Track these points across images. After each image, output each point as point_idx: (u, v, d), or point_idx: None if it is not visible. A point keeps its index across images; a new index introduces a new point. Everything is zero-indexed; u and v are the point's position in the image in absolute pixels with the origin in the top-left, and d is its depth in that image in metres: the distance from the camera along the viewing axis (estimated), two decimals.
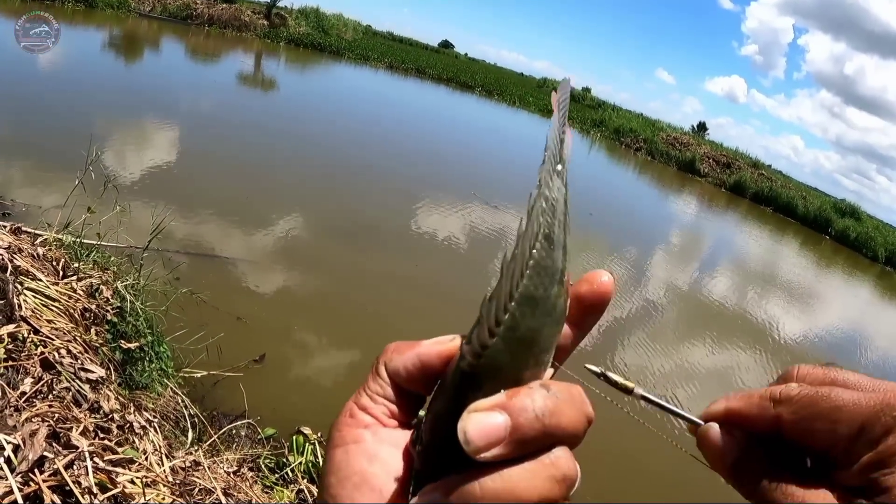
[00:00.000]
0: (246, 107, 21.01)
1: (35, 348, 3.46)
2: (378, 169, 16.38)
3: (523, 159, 26.99)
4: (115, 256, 6.00)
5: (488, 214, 14.23)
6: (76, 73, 18.80)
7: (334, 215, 11.67)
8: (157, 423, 3.83)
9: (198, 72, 26.75)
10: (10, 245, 4.57)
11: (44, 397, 3.10)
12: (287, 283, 8.21)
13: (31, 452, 2.43)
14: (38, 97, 14.11)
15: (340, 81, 36.06)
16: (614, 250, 15.50)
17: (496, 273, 0.51)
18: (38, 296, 4.11)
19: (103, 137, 11.34)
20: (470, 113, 40.09)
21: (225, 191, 11.05)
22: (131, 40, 30.17)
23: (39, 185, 8.86)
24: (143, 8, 40.42)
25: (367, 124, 23.18)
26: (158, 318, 5.13)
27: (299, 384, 6.15)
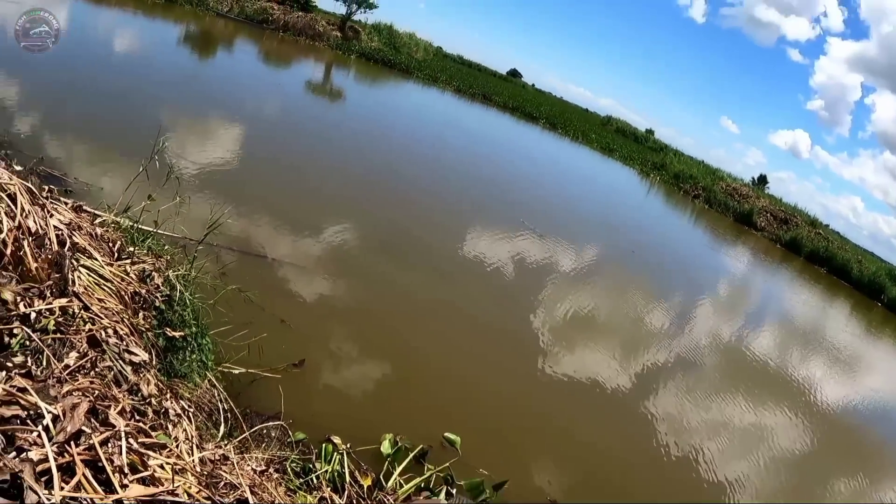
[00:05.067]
0: (311, 115, 21.33)
1: (83, 324, 3.53)
2: (433, 189, 16.48)
3: (578, 193, 26.94)
4: (169, 245, 6.10)
5: (535, 244, 14.18)
6: (150, 63, 19.31)
7: (384, 230, 11.75)
8: (192, 413, 3.86)
9: (267, 75, 27.27)
10: (71, 222, 4.68)
11: (86, 373, 3.15)
12: (331, 292, 8.26)
13: (69, 425, 2.47)
14: (111, 82, 14.51)
15: (407, 99, 36.39)
16: (661, 294, 15.31)
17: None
18: (91, 274, 4.19)
19: (169, 128, 11.61)
20: (531, 143, 40.09)
21: (280, 194, 11.21)
22: (207, 38, 30.88)
23: (102, 167, 9.08)
24: (222, 8, 41.42)
25: (427, 145, 23.37)
26: (205, 310, 5.20)
27: (333, 393, 6.16)
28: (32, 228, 3.97)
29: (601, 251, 16.89)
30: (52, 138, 9.85)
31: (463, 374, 7.70)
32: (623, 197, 34.06)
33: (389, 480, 4.98)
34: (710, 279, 21.46)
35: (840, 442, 11.36)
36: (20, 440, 2.38)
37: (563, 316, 10.78)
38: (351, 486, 4.73)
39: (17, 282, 3.34)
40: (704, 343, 13.00)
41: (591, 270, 14.36)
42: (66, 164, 8.72)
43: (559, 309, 11.00)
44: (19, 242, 3.71)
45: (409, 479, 5.11)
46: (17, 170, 5.61)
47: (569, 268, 13.70)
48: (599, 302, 12.37)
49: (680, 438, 8.32)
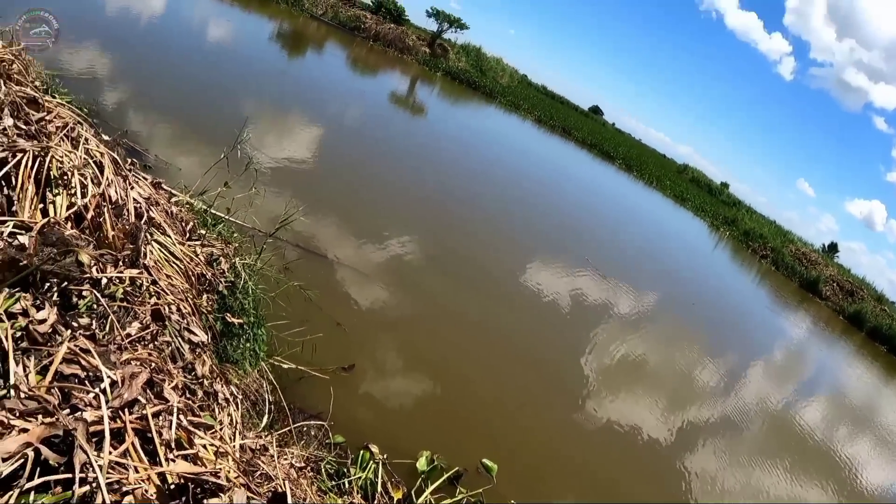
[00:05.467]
0: (390, 125, 21.58)
1: (149, 297, 3.61)
2: (501, 214, 16.47)
3: (645, 238, 26.62)
4: (239, 234, 6.21)
5: (595, 283, 14.04)
6: (241, 55, 19.81)
7: (447, 248, 11.78)
8: (239, 400, 3.90)
9: (353, 81, 27.67)
10: (150, 196, 4.81)
11: (146, 345, 3.21)
12: (387, 303, 8.29)
13: (127, 392, 2.52)
14: (200, 68, 14.92)
15: (487, 123, 36.50)
16: (714, 350, 14.99)
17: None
18: (163, 250, 4.29)
19: (251, 120, 11.88)
20: (604, 182, 39.82)
21: (350, 199, 11.34)
22: (298, 37, 31.55)
23: (182, 148, 9.33)
24: (316, 10, 42.36)
25: (502, 170, 23.40)
26: (265, 302, 5.28)
27: (377, 402, 6.17)
28: (113, 198, 4.09)
29: (661, 298, 16.63)
30: (137, 114, 10.18)
31: (507, 402, 7.64)
32: (690, 248, 33.53)
33: (420, 497, 4.96)
34: (765, 342, 20.93)
35: None
36: (76, 399, 2.43)
37: (613, 359, 10.63)
38: (381, 496, 4.71)
39: (95, 247, 3.43)
40: (750, 406, 12.66)
41: (648, 316, 14.15)
42: (148, 141, 8.99)
43: (609, 351, 10.85)
44: (100, 209, 3.82)
45: (440, 500, 5.07)
46: (105, 139, 5.80)
47: (625, 311, 13.52)
48: (650, 350, 12.16)
49: (712, 499, 8.12)
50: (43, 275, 3.01)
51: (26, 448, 2.11)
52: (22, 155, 3.72)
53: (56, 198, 3.78)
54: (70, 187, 3.90)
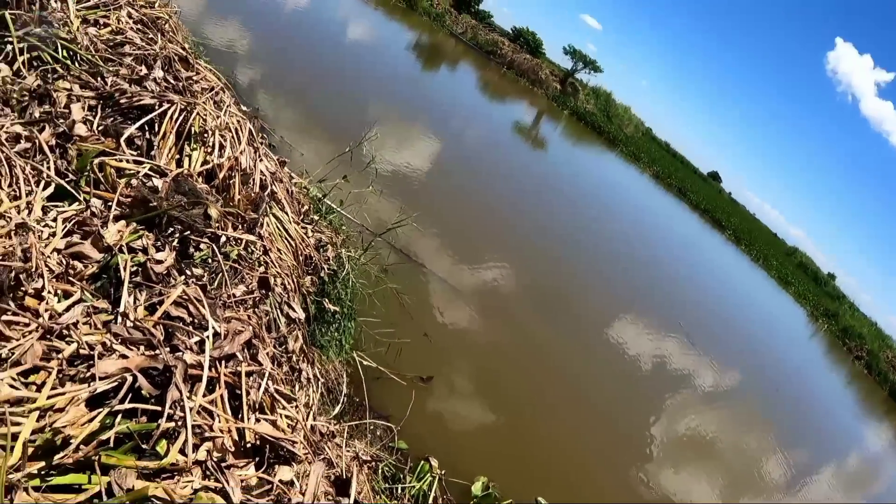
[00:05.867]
0: (508, 153, 21.65)
1: (259, 266, 3.72)
2: (601, 261, 16.29)
3: (743, 315, 25.81)
4: (346, 227, 6.35)
5: (683, 351, 13.68)
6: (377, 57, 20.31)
7: (541, 284, 11.71)
8: (320, 383, 3.97)
9: (480, 103, 27.95)
10: (275, 172, 4.97)
11: (247, 308, 3.31)
12: (475, 325, 8.30)
13: (228, 346, 2.60)
14: (336, 62, 15.36)
15: (603, 169, 36.18)
16: (786, 443, 14.37)
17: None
18: (279, 225, 4.42)
19: (377, 121, 12.15)
20: (711, 251, 38.86)
21: (457, 216, 11.44)
22: (435, 51, 32.12)
23: (307, 135, 9.60)
24: (456, 28, 43.10)
25: (609, 217, 23.13)
26: (362, 297, 5.36)
27: (446, 419, 6.17)
28: (244, 164, 4.25)
29: (744, 377, 16.06)
30: (268, 95, 10.55)
31: (569, 447, 7.52)
32: (784, 333, 32.36)
33: None
34: (841, 445, 19.94)
35: None
36: (178, 341, 2.52)
37: (681, 430, 10.32)
38: None
39: (221, 206, 3.56)
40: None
41: (727, 394, 13.67)
42: (275, 122, 9.30)
43: (680, 422, 10.54)
44: (231, 172, 3.97)
45: None
46: (245, 110, 6.04)
47: (705, 384, 13.11)
48: (722, 428, 11.74)
49: None
50: (169, 219, 3.15)
51: (125, 373, 2.19)
52: (169, 106, 3.91)
53: (193, 152, 3.96)
54: (208, 145, 4.08)
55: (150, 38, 4.84)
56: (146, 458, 2.05)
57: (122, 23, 4.74)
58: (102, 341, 2.31)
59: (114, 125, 3.54)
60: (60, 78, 3.69)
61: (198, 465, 2.15)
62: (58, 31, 3.90)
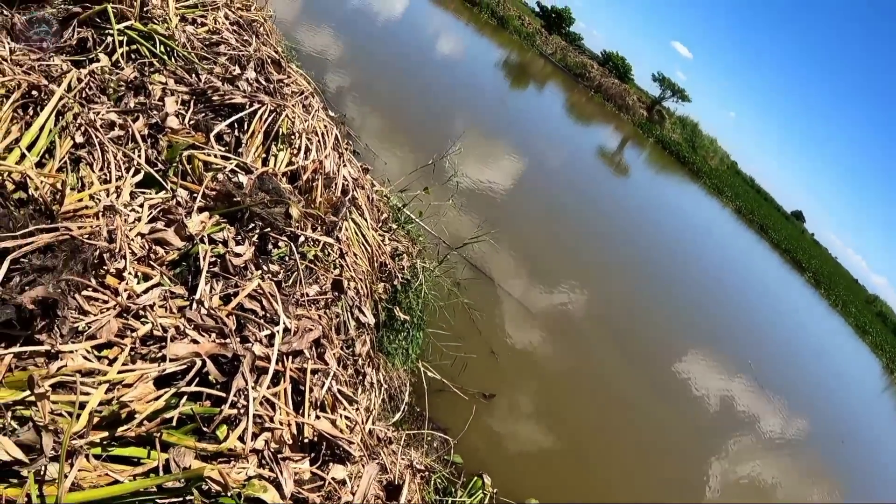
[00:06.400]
0: (591, 177, 21.51)
1: (334, 268, 3.79)
2: (677, 295, 15.99)
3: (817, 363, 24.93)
4: (423, 238, 6.41)
5: (749, 393, 13.29)
6: (466, 72, 20.45)
7: (613, 313, 11.57)
8: (383, 389, 4.01)
9: (565, 125, 27.84)
10: (357, 179, 5.07)
11: (319, 308, 3.38)
12: (543, 348, 8.24)
13: (297, 342, 2.67)
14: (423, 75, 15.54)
15: (686, 201, 35.50)
16: (848, 499, 13.80)
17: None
18: (357, 231, 4.51)
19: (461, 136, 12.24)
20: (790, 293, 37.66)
21: (533, 237, 11.41)
22: (523, 70, 32.16)
23: (391, 144, 9.72)
24: (546, 49, 43.14)
25: (688, 251, 22.71)
26: (433, 309, 5.40)
27: (503, 438, 6.14)
28: (328, 168, 4.35)
29: (811, 427, 15.52)
30: (355, 102, 10.74)
31: (624, 482, 7.38)
32: (857, 383, 31.12)
33: None
34: None
35: None
36: (248, 332, 2.60)
37: (742, 475, 10.02)
38: None
39: (302, 206, 3.65)
40: None
41: (794, 443, 13.22)
42: (360, 129, 9.45)
43: (740, 467, 10.23)
44: (315, 175, 4.07)
45: None
46: (332, 116, 6.18)
47: (771, 430, 12.66)
48: (783, 478, 11.34)
49: None
50: (251, 215, 3.24)
51: (195, 357, 2.27)
52: (260, 106, 4.05)
53: (279, 153, 4.08)
54: (294, 147, 4.20)
55: (245, 40, 5.02)
56: (205, 441, 2.12)
57: (219, 23, 4.93)
58: (176, 325, 2.40)
59: (205, 120, 3.69)
60: (157, 72, 3.86)
61: (254, 454, 2.21)
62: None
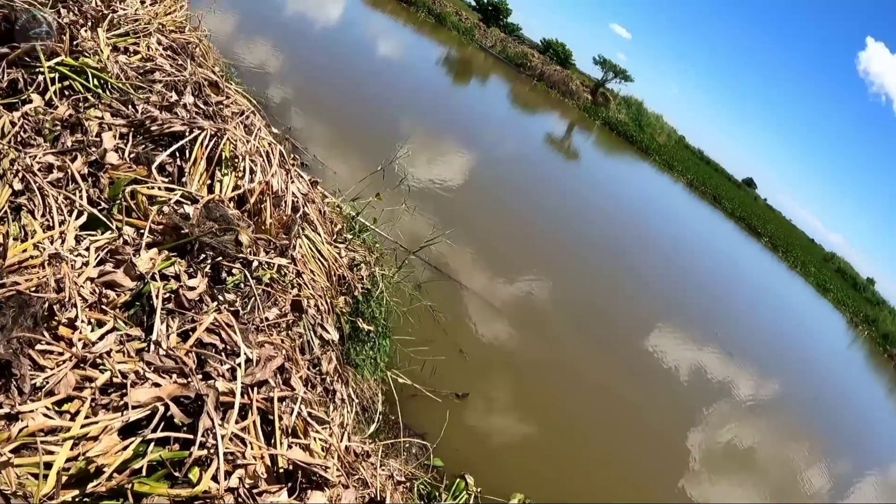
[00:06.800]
0: (541, 165, 21.59)
1: (292, 288, 3.75)
2: (638, 272, 16.13)
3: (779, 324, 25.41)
4: (380, 244, 6.38)
5: (720, 361, 13.48)
6: (407, 73, 20.41)
7: (576, 297, 11.65)
8: (355, 403, 3.99)
9: (511, 116, 27.94)
10: (307, 193, 5.02)
11: (280, 331, 3.34)
12: (511, 340, 8.26)
13: (260, 372, 2.63)
14: (366, 80, 15.47)
15: (637, 179, 35.86)
16: (828, 454, 14.08)
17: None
18: (311, 246, 4.46)
19: (408, 138, 12.20)
20: (748, 260, 38.31)
21: (490, 231, 11.42)
22: (465, 65, 32.21)
23: (339, 152, 9.65)
24: (486, 42, 43.28)
25: (644, 228, 22.95)
26: (396, 315, 5.37)
27: (481, 435, 6.14)
28: (275, 188, 4.30)
29: (783, 388, 15.80)
30: (300, 113, 10.65)
31: (607, 462, 7.44)
32: (823, 341, 31.79)
33: None
34: (885, 455, 19.51)
35: None
36: (210, 368, 2.56)
37: (721, 442, 10.17)
38: None
39: (253, 231, 3.61)
40: None
41: (766, 405, 13.45)
42: (307, 141, 9.37)
43: (719, 434, 10.38)
44: (263, 196, 4.02)
45: None
46: (275, 132, 6.12)
47: (744, 395, 12.87)
48: (762, 440, 11.54)
49: None
50: (201, 246, 3.19)
51: (157, 402, 2.23)
52: (200, 132, 3.98)
53: (224, 178, 4.02)
54: (239, 170, 4.14)
55: (180, 65, 4.94)
56: (179, 486, 2.08)
57: (153, 49, 4.84)
58: (135, 370, 2.35)
59: (145, 153, 3.61)
60: (92, 107, 3.77)
61: (230, 493, 2.17)
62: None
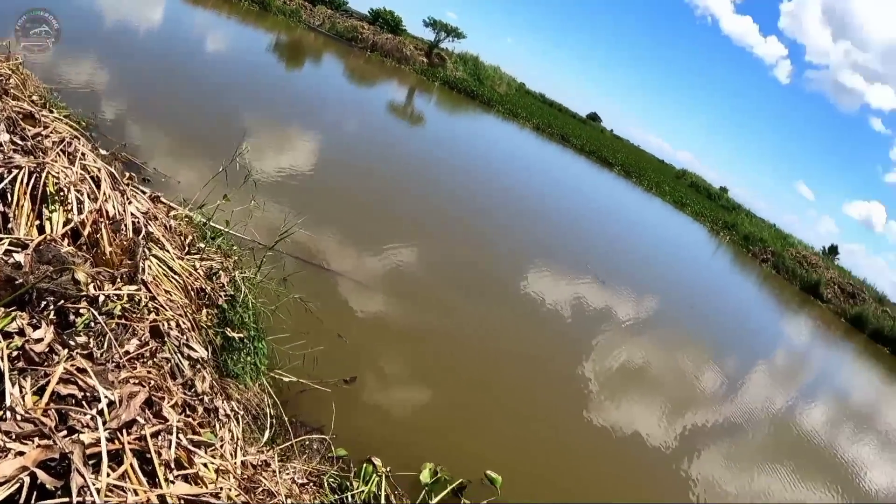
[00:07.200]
0: (388, 135, 21.56)
1: (148, 314, 3.57)
2: (502, 222, 16.42)
3: (645, 244, 26.62)
4: (238, 247, 6.18)
5: (597, 290, 13.98)
6: (239, 67, 19.82)
7: (446, 255, 11.76)
8: (240, 415, 3.87)
9: (351, 92, 27.69)
10: (148, 211, 4.78)
11: (144, 362, 3.18)
12: (389, 313, 8.25)
13: (125, 413, 2.48)
14: (198, 80, 14.93)
15: (485, 132, 36.40)
16: (715, 355, 14.94)
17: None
18: (161, 265, 4.26)
19: (250, 132, 11.86)
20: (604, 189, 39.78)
21: (349, 210, 11.31)
22: (296, 49, 31.62)
23: (181, 160, 9.29)
24: (314, 21, 42.63)
25: (501, 178, 23.36)
26: (265, 315, 5.23)
27: (380, 414, 6.12)
28: (111, 213, 4.06)
29: (661, 303, 16.59)
30: (136, 127, 10.15)
31: (510, 412, 7.58)
32: (690, 252, 33.55)
33: None
34: (767, 345, 20.88)
35: None
36: (73, 420, 2.40)
37: (614, 365, 10.57)
38: None
39: (92, 264, 3.40)
40: (753, 410, 12.59)
41: (649, 322, 14.09)
42: (147, 154, 8.95)
43: (611, 358, 10.79)
44: (98, 225, 3.79)
45: None
46: (103, 154, 5.79)
47: (626, 317, 13.47)
48: (652, 355, 12.10)
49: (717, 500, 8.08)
50: (39, 293, 2.97)
51: (22, 472, 2.07)
52: (18, 171, 3.70)
53: (52, 214, 3.75)
54: (66, 203, 3.88)
55: None
56: None
57: None
58: None
59: None
60: None
61: None
62: None
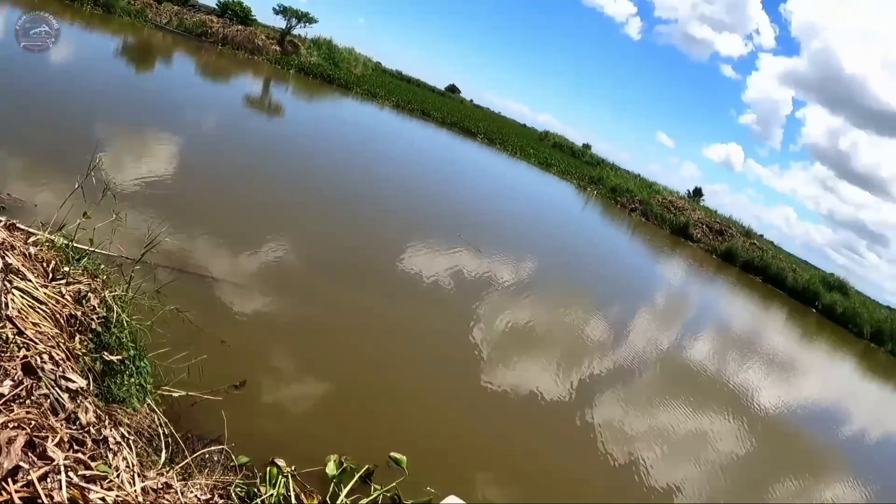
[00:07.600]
0: (248, 129, 21.04)
1: (18, 350, 3.39)
2: (369, 204, 16.39)
3: (516, 206, 27.15)
4: (105, 265, 5.91)
5: (473, 259, 14.20)
6: (86, 75, 18.85)
7: (321, 245, 11.67)
8: (132, 440, 3.73)
9: (205, 89, 26.86)
10: (3, 241, 4.50)
11: (21, 402, 3.02)
12: (271, 310, 8.12)
13: (6, 461, 2.36)
14: (43, 94, 14.10)
15: (345, 115, 36.11)
16: (599, 305, 15.51)
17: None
18: (25, 296, 4.03)
19: (104, 143, 11.35)
20: (469, 158, 40.26)
21: (218, 210, 11.02)
22: (144, 50, 30.35)
23: (36, 182, 8.78)
24: (160, 20, 40.96)
25: (365, 160, 23.30)
26: (143, 332, 5.04)
27: (276, 413, 6.04)
28: None
29: (538, 263, 17.04)
30: None
31: (405, 391, 7.64)
32: (561, 210, 34.53)
33: (337, 501, 4.91)
34: (647, 290, 21.86)
35: (778, 444, 11.66)
36: None
37: (502, 330, 10.80)
38: None
39: None
40: (642, 353, 13.19)
41: (529, 283, 14.44)
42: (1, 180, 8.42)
43: (498, 323, 11.01)
44: None
45: (357, 501, 5.04)
46: None
47: (506, 280, 13.75)
48: (538, 314, 12.44)
49: (622, 447, 8.42)
50: None
51: None
52: None
53: None
54: None
55: None
56: None
57: None
58: None
59: None
60: None
61: None
62: None
